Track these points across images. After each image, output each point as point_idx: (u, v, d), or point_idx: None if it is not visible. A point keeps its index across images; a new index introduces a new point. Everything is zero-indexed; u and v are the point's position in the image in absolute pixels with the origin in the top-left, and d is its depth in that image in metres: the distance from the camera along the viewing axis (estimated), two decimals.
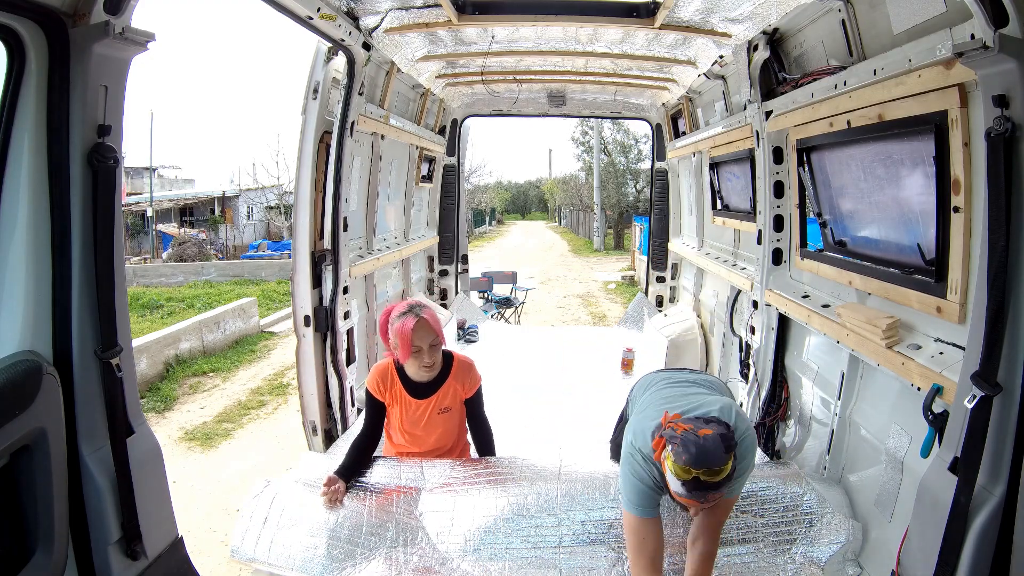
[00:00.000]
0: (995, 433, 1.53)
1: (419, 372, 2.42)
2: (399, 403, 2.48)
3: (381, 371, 2.49)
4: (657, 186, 6.17)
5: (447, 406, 2.50)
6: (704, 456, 1.71)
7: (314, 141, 3.18)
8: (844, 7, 2.37)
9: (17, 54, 1.50)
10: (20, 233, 1.55)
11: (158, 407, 5.99)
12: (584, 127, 26.66)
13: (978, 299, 1.58)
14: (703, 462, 1.71)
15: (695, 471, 1.71)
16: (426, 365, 2.37)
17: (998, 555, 1.55)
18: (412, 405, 2.48)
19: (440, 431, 2.54)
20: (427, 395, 2.47)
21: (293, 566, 2.22)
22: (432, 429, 2.52)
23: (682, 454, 1.73)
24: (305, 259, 3.23)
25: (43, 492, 1.52)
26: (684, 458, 1.72)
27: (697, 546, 2.00)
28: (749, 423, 2.04)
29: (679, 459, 1.73)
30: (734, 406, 2.04)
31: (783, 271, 3.30)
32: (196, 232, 22.16)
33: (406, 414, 2.49)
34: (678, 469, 1.73)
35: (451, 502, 2.38)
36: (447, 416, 2.52)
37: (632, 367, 4.71)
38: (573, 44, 3.87)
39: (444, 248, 6.08)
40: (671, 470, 1.75)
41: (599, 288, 14.14)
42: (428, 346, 2.35)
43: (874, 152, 2.38)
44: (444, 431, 2.55)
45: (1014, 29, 1.43)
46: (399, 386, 2.47)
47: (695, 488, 1.73)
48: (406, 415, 2.49)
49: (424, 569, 2.21)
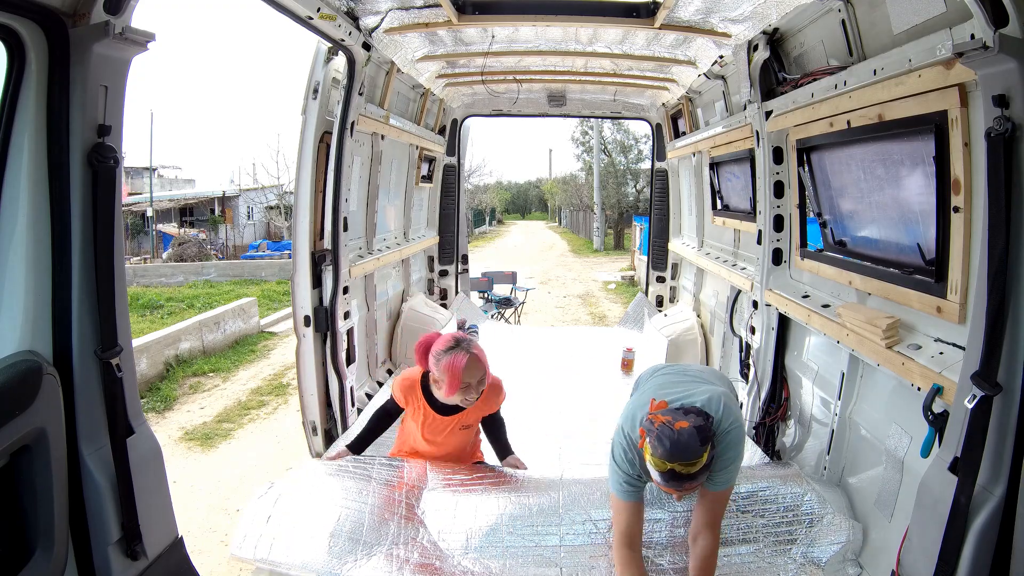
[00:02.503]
0: (995, 433, 1.53)
1: (459, 403, 2.40)
2: (421, 415, 2.48)
3: (408, 385, 2.47)
4: (657, 186, 6.17)
5: (469, 423, 2.53)
6: (677, 449, 1.79)
7: (314, 141, 3.18)
8: (844, 7, 2.37)
9: (17, 54, 1.50)
10: (20, 233, 1.55)
11: (158, 407, 5.99)
12: (584, 127, 26.65)
13: (978, 299, 1.58)
14: (677, 455, 1.78)
15: (670, 464, 1.79)
16: (470, 400, 2.37)
17: (998, 555, 1.55)
18: (435, 420, 2.48)
19: (458, 441, 2.58)
20: (451, 413, 2.48)
21: (294, 564, 2.22)
22: (451, 440, 2.55)
23: (657, 447, 1.81)
24: (305, 259, 3.23)
25: (43, 492, 1.52)
26: (659, 451, 1.80)
27: (699, 543, 2.03)
28: (738, 415, 2.08)
29: (655, 452, 1.81)
30: (724, 397, 2.07)
31: (783, 271, 3.30)
32: (196, 232, 22.16)
33: (427, 426, 2.49)
34: (655, 461, 1.81)
35: (453, 501, 2.39)
36: (467, 431, 2.56)
37: (632, 367, 4.71)
38: (573, 44, 3.87)
39: (444, 248, 6.08)
40: (650, 461, 1.84)
41: (599, 288, 14.14)
42: (476, 382, 2.35)
43: (874, 152, 2.38)
44: (462, 441, 2.59)
45: (1014, 29, 1.43)
46: (423, 402, 2.46)
47: (671, 479, 1.82)
48: (427, 427, 2.50)
49: (425, 566, 2.21)
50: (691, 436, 1.80)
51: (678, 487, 1.85)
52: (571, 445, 3.50)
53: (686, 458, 1.78)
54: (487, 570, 2.21)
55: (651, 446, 1.82)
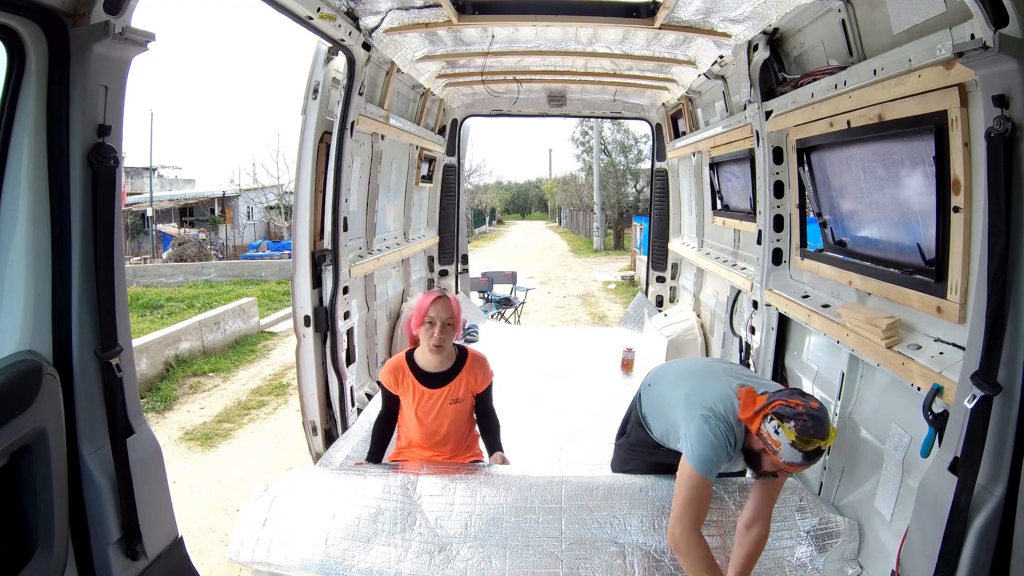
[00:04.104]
0: (995, 433, 1.53)
1: (428, 350, 2.49)
2: (412, 393, 2.55)
3: (393, 366, 2.58)
4: (657, 186, 6.17)
5: (459, 397, 2.57)
6: (823, 427, 1.86)
7: (314, 141, 3.18)
8: (844, 7, 2.37)
9: (17, 54, 1.50)
10: (20, 233, 1.54)
11: (158, 407, 5.99)
12: (584, 127, 26.65)
13: (978, 299, 1.58)
14: (825, 432, 1.86)
15: (818, 441, 1.86)
16: (436, 342, 2.45)
17: (998, 555, 1.55)
18: (425, 395, 2.55)
19: (451, 420, 2.60)
20: (440, 385, 2.55)
21: (293, 564, 2.22)
22: (443, 419, 2.58)
23: (810, 428, 1.85)
24: (305, 259, 3.23)
25: (43, 492, 1.52)
26: (812, 431, 1.85)
27: (753, 530, 2.10)
28: None
29: (806, 432, 1.85)
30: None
31: (783, 271, 3.30)
32: (196, 232, 22.15)
33: (419, 404, 2.56)
34: (801, 442, 1.85)
35: (451, 488, 2.38)
36: (458, 407, 2.59)
37: (632, 367, 4.71)
38: (573, 44, 3.87)
39: (444, 248, 6.08)
40: (793, 443, 1.86)
41: (599, 288, 14.13)
42: (441, 322, 2.45)
43: (874, 152, 2.38)
44: (455, 421, 2.61)
45: (1014, 29, 1.43)
46: (411, 378, 2.55)
47: (813, 456, 1.88)
48: (420, 405, 2.56)
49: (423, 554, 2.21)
50: (825, 413, 1.89)
51: (811, 463, 1.90)
52: (571, 445, 3.51)
53: (828, 434, 1.86)
54: (487, 560, 2.21)
55: (800, 429, 1.85)
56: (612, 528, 2.29)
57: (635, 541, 2.26)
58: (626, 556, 2.23)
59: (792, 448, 1.87)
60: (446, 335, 2.48)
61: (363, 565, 2.20)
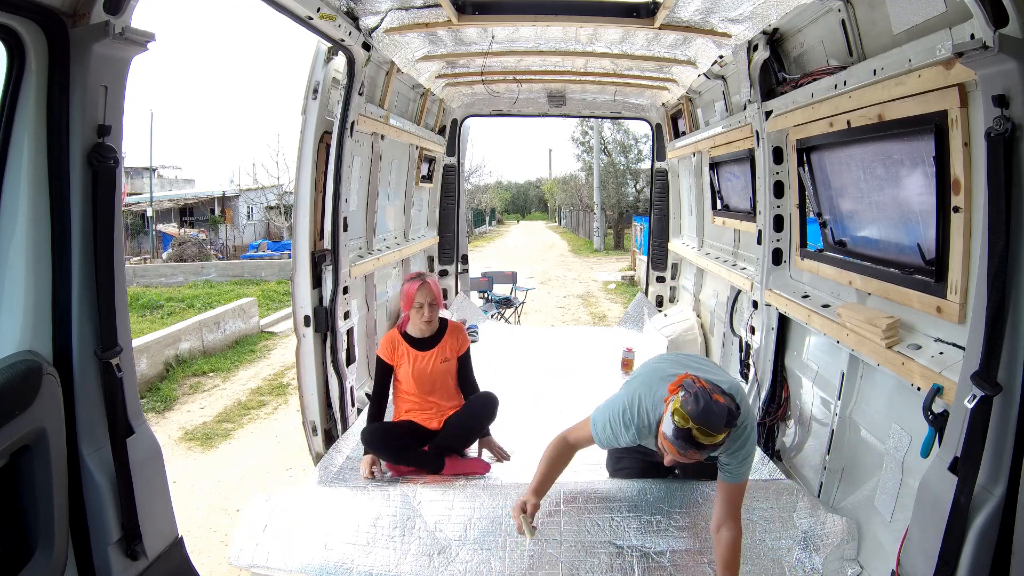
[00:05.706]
0: (995, 433, 1.53)
1: (419, 325, 3.03)
2: (408, 359, 3.03)
3: (389, 339, 3.07)
4: (657, 186, 6.17)
5: (446, 357, 3.08)
6: (707, 416, 1.82)
7: (314, 141, 3.18)
8: (844, 7, 2.37)
9: (17, 54, 1.50)
10: (20, 233, 1.54)
11: (158, 407, 5.99)
12: (584, 127, 26.62)
13: (978, 299, 1.58)
14: (704, 420, 1.81)
15: (692, 424, 1.82)
16: (425, 320, 3.00)
17: (998, 555, 1.55)
18: (418, 357, 3.04)
19: (441, 378, 3.07)
20: (430, 347, 3.06)
21: (293, 568, 2.23)
22: (436, 376, 3.05)
23: (690, 403, 1.84)
24: (305, 259, 3.23)
25: (43, 492, 1.52)
26: (690, 408, 1.83)
27: (723, 532, 2.10)
28: (751, 411, 2.15)
29: (685, 406, 1.84)
30: (742, 391, 2.14)
31: (783, 271, 3.30)
32: (196, 232, 22.14)
33: (415, 365, 3.03)
34: (680, 415, 1.84)
35: (450, 493, 2.40)
36: (447, 365, 3.08)
37: (632, 367, 4.70)
38: (573, 44, 3.87)
39: (444, 248, 6.07)
40: (672, 412, 1.86)
41: (599, 288, 14.13)
42: (428, 304, 2.99)
43: (874, 152, 2.38)
44: (444, 378, 3.08)
45: (1014, 29, 1.43)
46: (405, 346, 3.04)
47: (684, 439, 1.84)
48: (415, 366, 3.03)
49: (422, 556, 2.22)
50: (722, 412, 1.83)
51: (683, 448, 1.86)
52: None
53: (710, 427, 1.81)
54: (486, 562, 2.22)
55: (683, 400, 1.84)
56: (610, 530, 2.29)
57: (633, 543, 2.26)
58: (625, 557, 2.23)
59: (671, 420, 1.85)
60: (433, 313, 3.02)
61: (362, 568, 2.20)
